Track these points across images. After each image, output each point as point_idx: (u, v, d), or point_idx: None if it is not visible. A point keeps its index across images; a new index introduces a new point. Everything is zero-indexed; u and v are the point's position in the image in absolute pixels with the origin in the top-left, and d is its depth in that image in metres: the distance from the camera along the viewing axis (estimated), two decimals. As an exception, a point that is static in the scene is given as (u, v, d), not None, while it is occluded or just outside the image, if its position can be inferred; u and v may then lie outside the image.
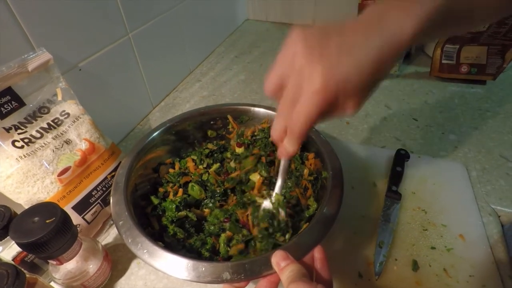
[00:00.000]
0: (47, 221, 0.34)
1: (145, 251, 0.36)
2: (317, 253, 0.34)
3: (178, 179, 0.52)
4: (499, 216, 0.51)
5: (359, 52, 0.27)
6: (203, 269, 0.33)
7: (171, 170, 0.54)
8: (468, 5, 0.32)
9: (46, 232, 0.33)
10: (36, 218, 0.34)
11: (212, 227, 0.45)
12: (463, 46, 0.77)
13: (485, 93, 0.77)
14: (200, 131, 0.58)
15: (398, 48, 0.28)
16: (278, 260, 0.32)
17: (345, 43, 0.28)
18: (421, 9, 0.28)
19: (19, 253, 0.39)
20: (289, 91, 0.30)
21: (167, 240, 0.44)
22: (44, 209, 0.36)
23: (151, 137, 0.52)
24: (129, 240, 0.37)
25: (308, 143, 0.52)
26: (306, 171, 0.50)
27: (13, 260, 0.39)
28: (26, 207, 0.42)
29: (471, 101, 0.75)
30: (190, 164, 0.54)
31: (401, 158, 0.59)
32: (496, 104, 0.74)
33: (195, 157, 0.56)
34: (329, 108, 0.29)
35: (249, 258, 0.35)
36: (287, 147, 0.34)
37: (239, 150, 0.55)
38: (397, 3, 0.29)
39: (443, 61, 0.79)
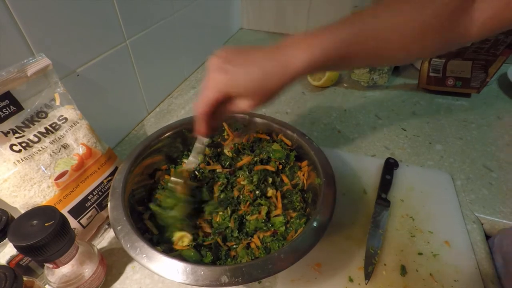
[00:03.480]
0: (46, 224, 0.34)
1: (144, 255, 0.36)
2: None
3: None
4: (482, 224, 0.54)
5: (252, 68, 0.36)
6: (202, 273, 0.34)
7: (166, 177, 0.54)
8: (373, 47, 0.37)
9: (45, 235, 0.33)
10: (35, 221, 0.35)
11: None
12: (449, 60, 0.80)
13: (470, 106, 0.81)
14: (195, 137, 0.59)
15: (288, 72, 0.36)
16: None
17: (247, 60, 0.37)
18: (316, 46, 0.35)
19: (14, 257, 0.40)
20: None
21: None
22: (42, 212, 0.36)
23: (148, 142, 0.52)
24: (128, 245, 0.38)
25: (301, 151, 0.54)
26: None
27: (8, 263, 0.39)
28: (22, 211, 0.42)
29: (456, 112, 0.79)
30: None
31: (390, 167, 0.61)
32: (480, 116, 0.77)
33: (186, 160, 0.56)
34: (223, 100, 0.39)
35: (247, 262, 0.36)
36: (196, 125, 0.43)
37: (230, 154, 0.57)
38: (302, 38, 0.36)
39: (431, 74, 0.83)
